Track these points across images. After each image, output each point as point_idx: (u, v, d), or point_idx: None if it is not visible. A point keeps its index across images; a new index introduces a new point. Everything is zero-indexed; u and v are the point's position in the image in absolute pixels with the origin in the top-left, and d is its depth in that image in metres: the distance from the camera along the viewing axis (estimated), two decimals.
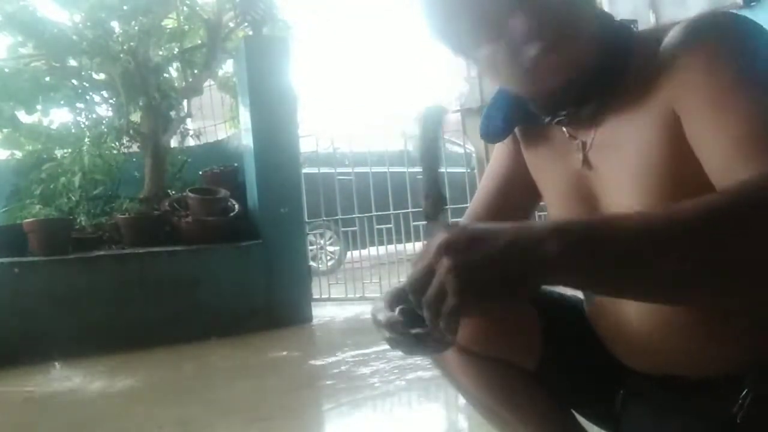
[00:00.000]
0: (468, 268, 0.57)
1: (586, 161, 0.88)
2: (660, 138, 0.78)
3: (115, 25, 4.71)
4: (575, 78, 0.80)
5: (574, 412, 1.08)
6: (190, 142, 5.53)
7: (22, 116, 4.89)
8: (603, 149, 0.86)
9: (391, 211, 4.99)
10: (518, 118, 0.94)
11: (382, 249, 5.13)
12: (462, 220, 1.07)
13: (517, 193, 1.04)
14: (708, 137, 0.73)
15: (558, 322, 1.02)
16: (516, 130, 0.99)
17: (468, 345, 0.99)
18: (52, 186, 4.63)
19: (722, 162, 0.70)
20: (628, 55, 0.82)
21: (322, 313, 4.46)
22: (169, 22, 5.27)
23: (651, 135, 0.79)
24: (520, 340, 1.01)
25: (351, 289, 4.99)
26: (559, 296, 1.07)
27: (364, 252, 5.46)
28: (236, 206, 4.36)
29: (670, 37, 0.77)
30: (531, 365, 1.01)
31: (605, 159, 0.86)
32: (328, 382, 2.76)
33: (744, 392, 0.82)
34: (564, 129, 0.90)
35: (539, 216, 2.52)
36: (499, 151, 1.07)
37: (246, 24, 4.77)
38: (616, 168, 0.84)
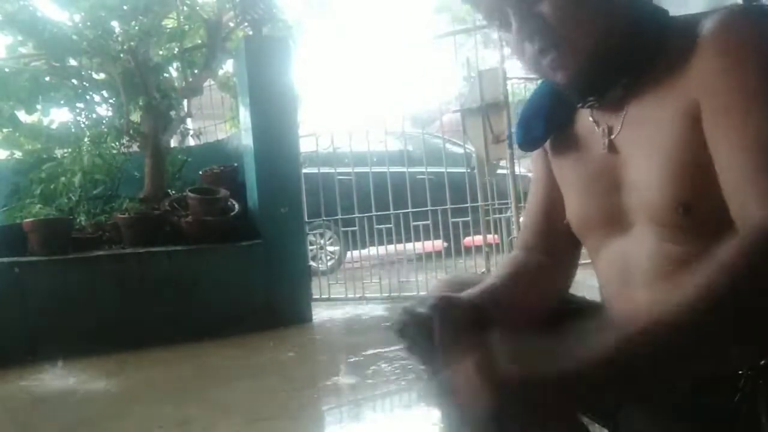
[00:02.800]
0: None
1: (611, 146, 0.89)
2: (683, 126, 0.79)
3: (115, 25, 4.70)
4: (591, 66, 0.81)
5: None
6: (190, 141, 5.54)
7: (22, 116, 4.89)
8: (630, 133, 0.87)
9: (391, 211, 4.99)
10: (556, 121, 0.96)
11: (382, 249, 5.13)
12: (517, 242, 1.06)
13: (559, 205, 1.03)
14: (721, 148, 0.75)
15: (569, 317, 1.01)
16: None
17: None
18: (52, 186, 4.63)
19: (731, 179, 0.74)
20: (660, 40, 0.82)
21: (322, 313, 4.46)
22: (169, 22, 5.26)
23: (676, 122, 0.80)
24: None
25: (351, 289, 4.99)
26: (572, 296, 1.07)
27: (364, 252, 5.46)
28: (236, 206, 4.36)
29: (707, 29, 0.77)
30: None
31: (632, 143, 0.87)
32: (328, 382, 2.77)
33: (742, 381, 0.82)
34: (590, 115, 0.91)
35: None
36: (535, 166, 1.08)
37: (246, 24, 4.77)
38: (641, 152, 0.85)
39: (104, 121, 4.90)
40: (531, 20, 0.80)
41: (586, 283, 1.09)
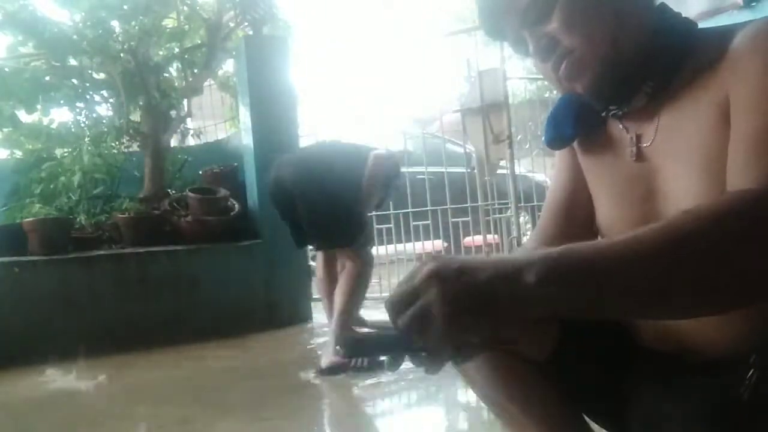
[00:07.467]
0: (455, 297, 0.60)
1: (640, 155, 0.90)
2: (718, 128, 0.79)
3: (116, 25, 4.70)
4: (606, 74, 0.83)
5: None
6: (191, 141, 5.53)
7: (22, 115, 4.89)
8: (664, 142, 0.87)
9: (391, 211, 4.98)
10: (586, 121, 0.96)
11: (382, 249, 5.13)
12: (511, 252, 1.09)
13: (582, 203, 1.03)
14: (735, 132, 0.76)
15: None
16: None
17: None
18: (52, 185, 4.63)
19: (732, 158, 0.75)
20: (685, 48, 0.84)
21: (321, 312, 4.45)
22: (169, 22, 5.27)
23: (710, 126, 0.80)
24: (534, 328, 0.99)
25: None
26: None
27: None
28: (236, 206, 4.36)
29: (744, 33, 0.78)
30: (542, 356, 0.97)
31: (666, 152, 0.87)
32: (328, 382, 2.76)
33: (750, 372, 0.81)
34: (619, 123, 0.92)
35: None
36: (561, 161, 1.07)
37: (246, 24, 4.77)
38: (676, 160, 0.85)
39: (104, 121, 4.90)
40: (543, 39, 0.84)
41: None
